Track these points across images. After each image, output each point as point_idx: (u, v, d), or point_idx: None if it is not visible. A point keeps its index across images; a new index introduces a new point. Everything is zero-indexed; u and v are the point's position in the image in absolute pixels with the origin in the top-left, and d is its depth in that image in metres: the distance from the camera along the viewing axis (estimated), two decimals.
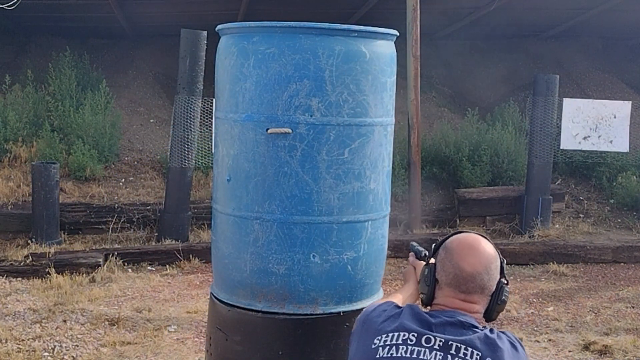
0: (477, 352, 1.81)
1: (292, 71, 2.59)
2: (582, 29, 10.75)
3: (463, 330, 1.86)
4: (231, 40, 2.75)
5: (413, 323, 1.87)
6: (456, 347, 1.81)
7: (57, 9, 8.99)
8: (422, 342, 1.82)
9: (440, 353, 1.80)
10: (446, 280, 1.95)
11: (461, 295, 1.93)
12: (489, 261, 1.99)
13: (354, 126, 2.68)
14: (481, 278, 1.95)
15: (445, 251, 1.98)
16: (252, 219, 2.67)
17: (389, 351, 1.82)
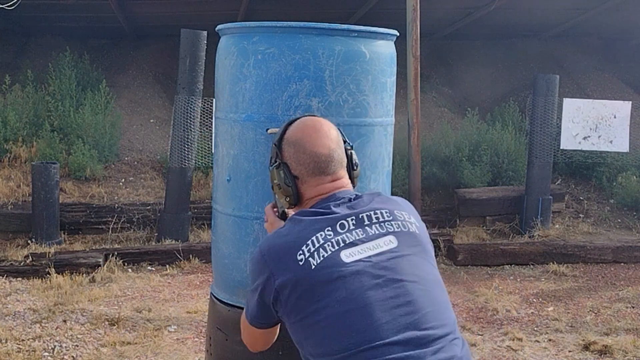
0: (385, 210, 1.86)
1: (292, 71, 2.59)
2: (582, 29, 10.75)
3: (355, 201, 1.88)
4: (231, 40, 2.75)
5: (318, 222, 1.82)
6: (367, 216, 1.84)
7: (57, 9, 8.99)
8: (339, 229, 1.80)
9: (359, 229, 1.81)
10: (307, 171, 1.92)
11: (328, 178, 1.92)
12: (335, 135, 1.98)
13: (354, 126, 2.68)
14: (337, 154, 1.94)
15: (294, 145, 1.94)
16: (252, 219, 2.67)
17: (319, 255, 1.76)
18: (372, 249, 1.79)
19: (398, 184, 7.60)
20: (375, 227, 1.82)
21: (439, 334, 1.72)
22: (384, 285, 1.74)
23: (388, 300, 1.73)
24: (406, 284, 1.75)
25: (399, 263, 1.78)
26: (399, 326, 1.70)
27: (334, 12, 9.43)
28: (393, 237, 1.82)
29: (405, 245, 1.81)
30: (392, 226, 1.83)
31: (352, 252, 1.77)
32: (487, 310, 5.15)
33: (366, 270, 1.75)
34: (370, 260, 1.77)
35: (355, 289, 1.72)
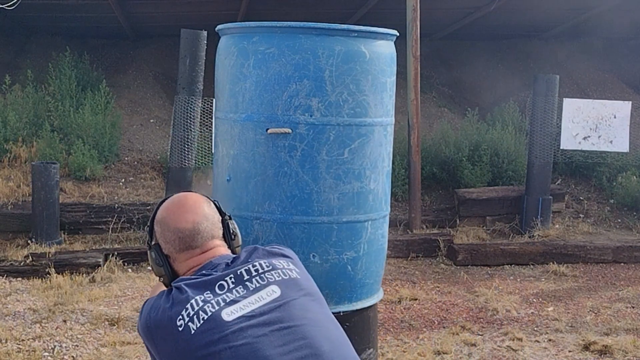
0: (263, 261, 1.82)
1: (292, 71, 2.60)
2: (582, 29, 10.75)
3: (232, 261, 1.84)
4: (231, 40, 2.75)
5: (194, 287, 1.77)
6: (245, 270, 1.80)
7: (57, 9, 8.99)
8: (217, 291, 1.76)
9: (239, 286, 1.76)
10: (174, 248, 1.89)
11: (197, 251, 1.89)
12: (202, 207, 1.94)
13: (354, 126, 2.68)
14: (204, 227, 1.90)
15: (160, 224, 1.92)
16: (252, 219, 2.68)
17: (199, 318, 1.70)
18: (254, 302, 1.73)
19: (398, 184, 7.60)
20: (255, 280, 1.78)
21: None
22: (272, 335, 1.69)
23: (280, 348, 1.67)
24: (297, 328, 1.71)
25: (285, 310, 1.74)
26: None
27: (334, 12, 9.43)
28: (275, 286, 1.77)
29: (289, 291, 1.78)
30: (272, 276, 1.79)
31: (233, 309, 1.71)
32: (487, 310, 5.14)
33: (250, 324, 1.69)
34: (254, 313, 1.71)
35: (240, 346, 1.66)
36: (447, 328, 4.76)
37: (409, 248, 6.57)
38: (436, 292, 5.58)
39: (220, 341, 1.66)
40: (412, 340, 4.55)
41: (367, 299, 2.86)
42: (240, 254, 1.88)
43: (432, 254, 6.55)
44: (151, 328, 1.76)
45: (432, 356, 4.25)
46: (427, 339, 4.56)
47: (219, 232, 1.94)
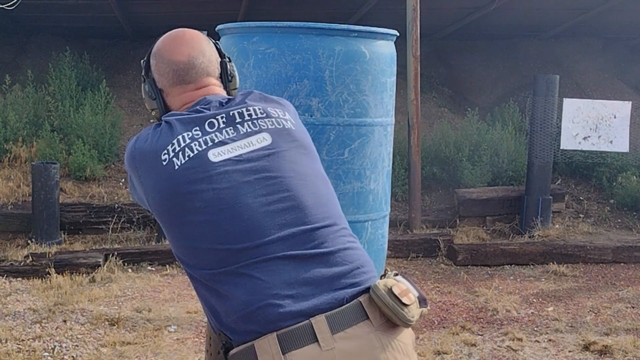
0: (258, 107, 1.75)
1: (292, 71, 2.60)
2: (582, 29, 10.74)
3: (226, 102, 1.78)
4: (231, 40, 2.75)
5: (184, 123, 1.71)
6: (238, 113, 1.73)
7: (57, 9, 8.99)
8: (207, 128, 1.69)
9: (229, 127, 1.70)
10: (168, 82, 1.83)
11: (191, 86, 1.82)
12: (200, 43, 1.86)
13: (354, 126, 2.68)
14: (199, 62, 1.83)
15: (155, 57, 1.86)
16: None
17: (184, 155, 1.64)
18: (243, 147, 1.67)
19: (398, 184, 7.60)
20: (247, 124, 1.71)
21: (322, 226, 1.64)
22: (257, 183, 1.63)
23: (263, 198, 1.61)
24: (282, 180, 1.64)
25: (273, 160, 1.67)
26: (279, 223, 1.59)
27: (334, 12, 9.43)
28: (267, 134, 1.70)
29: (281, 141, 1.70)
30: (265, 123, 1.72)
31: (221, 151, 1.65)
32: (487, 310, 5.14)
33: (236, 169, 1.63)
34: (241, 158, 1.65)
35: (223, 189, 1.60)
36: (447, 328, 4.76)
37: (409, 248, 6.57)
38: (436, 292, 5.58)
39: (204, 181, 1.61)
40: None
41: None
42: (236, 97, 1.81)
43: (432, 254, 6.55)
44: (136, 158, 1.71)
45: (432, 356, 4.25)
46: (427, 339, 4.55)
47: (216, 72, 1.86)
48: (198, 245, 1.59)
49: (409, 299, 1.55)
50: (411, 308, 1.55)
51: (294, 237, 1.59)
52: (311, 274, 1.56)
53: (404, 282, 1.59)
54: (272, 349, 1.46)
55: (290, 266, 1.55)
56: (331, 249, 1.62)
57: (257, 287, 1.52)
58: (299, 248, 1.58)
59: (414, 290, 1.61)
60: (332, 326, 1.50)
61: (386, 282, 1.57)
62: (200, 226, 1.59)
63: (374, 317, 1.54)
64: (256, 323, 1.50)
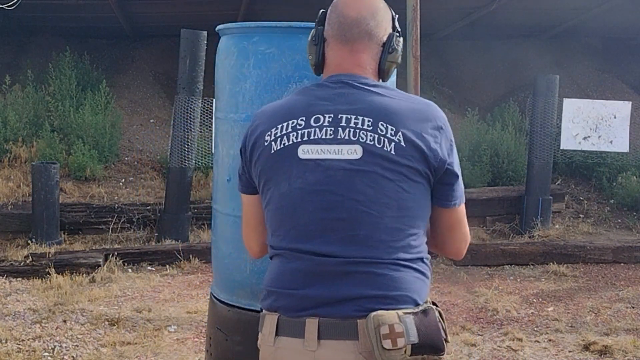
0: (368, 119, 1.71)
1: (292, 71, 2.59)
2: (582, 29, 10.74)
3: (354, 95, 1.76)
4: (231, 40, 2.75)
5: (302, 105, 1.77)
6: (346, 118, 1.72)
7: (57, 9, 8.98)
8: (312, 123, 1.73)
9: (331, 128, 1.71)
10: (332, 32, 1.81)
11: (347, 46, 1.79)
12: (376, 7, 1.84)
13: None
14: (366, 22, 1.80)
15: (332, 6, 1.85)
16: None
17: (281, 142, 1.73)
18: (331, 152, 1.70)
19: None
20: (348, 131, 1.70)
21: (362, 258, 1.66)
22: (323, 195, 1.68)
23: (320, 212, 1.68)
24: (346, 201, 1.67)
25: (350, 176, 1.68)
26: (321, 238, 1.68)
27: None
28: (360, 148, 1.68)
29: (369, 160, 1.68)
30: (365, 136, 1.69)
31: (310, 149, 1.71)
32: (487, 310, 5.15)
33: (313, 172, 1.69)
34: (324, 163, 1.69)
35: (295, 189, 1.70)
36: None
37: None
38: (436, 292, 5.58)
39: (285, 175, 1.73)
40: None
41: None
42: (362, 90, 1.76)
43: (432, 254, 6.54)
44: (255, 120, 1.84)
45: None
46: None
47: (380, 38, 1.81)
48: (270, 228, 1.80)
49: (394, 343, 1.58)
50: (391, 353, 1.58)
51: (331, 254, 1.68)
52: (331, 283, 1.66)
53: (403, 325, 1.60)
54: (271, 326, 1.71)
55: (314, 271, 1.68)
56: (360, 270, 1.67)
57: (285, 274, 1.72)
58: (332, 264, 1.67)
59: (412, 337, 1.61)
60: (322, 332, 1.63)
61: (384, 319, 1.60)
62: (271, 213, 1.77)
63: (363, 342, 1.61)
64: (272, 300, 1.74)
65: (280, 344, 1.69)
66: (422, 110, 1.75)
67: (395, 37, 1.85)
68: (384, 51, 1.82)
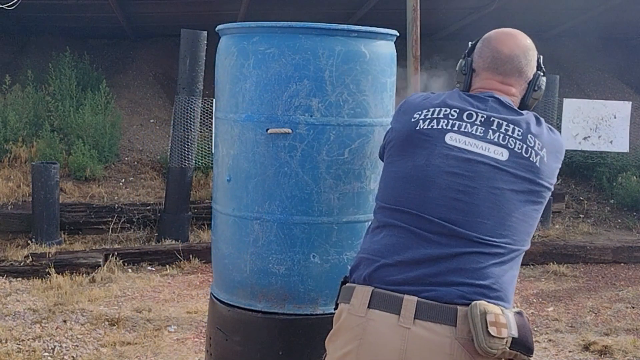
0: (518, 129, 1.82)
1: (292, 71, 2.59)
2: (582, 29, 10.75)
3: (504, 109, 1.87)
4: (231, 40, 2.75)
5: (455, 101, 1.88)
6: (498, 122, 1.83)
7: (57, 9, 8.99)
8: (464, 117, 1.83)
9: (482, 127, 1.81)
10: (483, 65, 1.96)
11: (499, 77, 1.94)
12: (527, 47, 1.99)
13: (354, 126, 2.68)
14: (519, 61, 1.96)
15: (483, 41, 2.00)
16: (252, 219, 2.67)
17: (429, 124, 1.83)
18: (478, 147, 1.79)
19: None
20: (498, 134, 1.81)
21: (482, 240, 1.72)
22: (459, 178, 1.76)
23: (453, 191, 1.75)
24: (479, 191, 1.74)
25: (490, 172, 1.76)
26: (446, 214, 1.72)
27: (334, 12, 9.43)
28: (507, 152, 1.78)
29: (513, 165, 1.78)
30: (514, 144, 1.80)
31: (459, 138, 1.80)
32: None
33: (456, 158, 1.77)
34: (467, 155, 1.78)
35: (433, 165, 1.77)
36: None
37: None
38: None
39: (425, 151, 1.80)
40: None
41: None
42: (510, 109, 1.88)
43: None
44: (402, 105, 1.97)
45: None
46: None
47: (527, 76, 1.96)
48: (387, 189, 1.86)
49: (498, 332, 1.62)
50: (495, 340, 1.61)
51: (446, 233, 1.72)
52: (439, 264, 1.69)
53: (506, 317, 1.64)
54: (363, 298, 1.70)
55: (425, 248, 1.71)
56: (455, 266, 1.70)
57: (389, 247, 1.74)
58: (447, 244, 1.71)
59: (513, 330, 1.64)
60: (419, 311, 1.65)
61: (489, 308, 1.64)
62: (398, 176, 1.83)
63: (461, 328, 1.64)
64: (372, 270, 1.73)
65: (373, 316, 1.68)
66: (559, 141, 1.90)
67: (539, 76, 1.99)
68: (529, 88, 1.96)
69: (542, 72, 2.01)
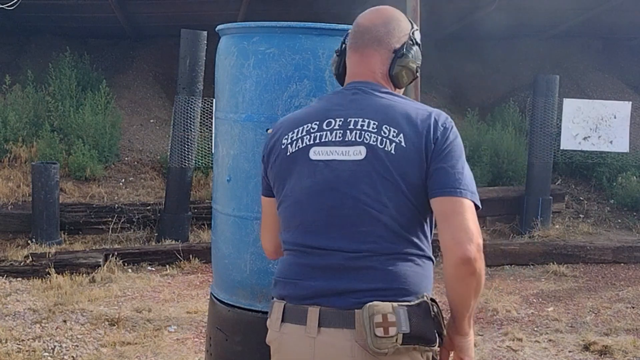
0: (374, 122, 1.80)
1: (292, 71, 2.59)
2: (582, 29, 10.74)
3: (364, 99, 1.85)
4: (231, 40, 2.75)
5: (318, 112, 1.88)
6: (354, 121, 1.82)
7: (57, 9, 8.99)
8: (324, 127, 1.84)
9: (340, 131, 1.81)
10: (349, 42, 1.93)
11: (358, 54, 1.90)
12: (390, 17, 1.92)
13: None
14: (377, 30, 1.89)
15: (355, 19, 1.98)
16: (252, 219, 2.67)
17: (295, 145, 1.85)
18: (339, 154, 1.80)
19: None
20: (355, 133, 1.80)
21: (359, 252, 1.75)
22: (330, 193, 1.79)
23: (326, 208, 1.79)
24: (349, 199, 1.77)
25: (353, 177, 1.77)
26: (327, 232, 1.78)
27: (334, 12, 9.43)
28: (364, 149, 1.78)
29: (372, 160, 1.77)
30: (369, 137, 1.78)
31: (321, 150, 1.82)
32: (487, 310, 5.14)
33: (321, 171, 1.81)
34: (332, 164, 1.80)
35: (305, 187, 1.82)
36: None
37: None
38: (436, 292, 5.55)
39: (297, 173, 1.84)
40: None
41: None
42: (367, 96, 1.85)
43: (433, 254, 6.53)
44: (276, 127, 1.96)
45: None
46: None
47: (388, 45, 1.88)
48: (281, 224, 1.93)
49: (385, 332, 1.66)
50: (382, 341, 1.66)
51: (338, 249, 1.77)
52: (333, 276, 1.76)
53: (396, 315, 1.68)
54: (278, 313, 1.80)
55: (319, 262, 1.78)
56: (361, 265, 1.75)
57: (292, 266, 1.83)
58: (337, 256, 1.77)
59: (404, 327, 1.68)
60: (322, 320, 1.73)
61: (378, 309, 1.68)
62: (282, 210, 1.90)
63: (359, 331, 1.69)
64: (280, 288, 1.84)
65: (285, 329, 1.78)
66: (425, 113, 1.81)
67: (408, 45, 1.91)
68: (395, 57, 1.88)
69: (413, 41, 1.92)
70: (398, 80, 1.91)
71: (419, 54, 1.93)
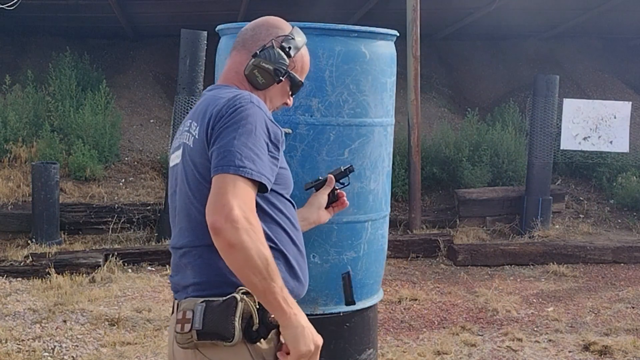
0: (194, 122, 1.88)
1: None
2: (582, 29, 10.75)
3: (212, 97, 1.90)
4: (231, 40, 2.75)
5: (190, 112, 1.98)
6: (190, 122, 1.90)
7: (57, 9, 8.99)
8: (182, 128, 1.95)
9: (186, 134, 1.91)
10: None
11: (229, 55, 2.02)
12: (260, 23, 2.03)
13: (354, 126, 2.68)
14: (245, 33, 2.02)
15: None
16: None
17: (171, 153, 2.01)
18: (177, 157, 1.94)
19: (398, 184, 7.60)
20: (186, 135, 1.90)
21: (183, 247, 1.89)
22: (173, 197, 1.95)
23: (173, 211, 1.96)
24: (179, 201, 1.90)
25: (180, 178, 1.90)
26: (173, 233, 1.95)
27: (334, 12, 9.43)
28: (181, 151, 1.91)
29: (184, 158, 1.89)
30: (187, 138, 1.89)
31: (173, 156, 1.98)
32: (487, 310, 5.15)
33: (172, 176, 1.97)
34: (174, 169, 1.95)
35: (169, 194, 2.01)
36: (447, 328, 4.76)
37: (409, 248, 6.57)
38: (436, 292, 5.58)
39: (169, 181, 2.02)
40: (412, 341, 4.55)
41: (367, 300, 2.86)
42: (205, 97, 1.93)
43: (432, 254, 6.55)
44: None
45: (432, 356, 4.25)
46: (427, 339, 4.56)
47: (250, 48, 1.97)
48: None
49: (182, 328, 1.77)
50: (181, 336, 1.77)
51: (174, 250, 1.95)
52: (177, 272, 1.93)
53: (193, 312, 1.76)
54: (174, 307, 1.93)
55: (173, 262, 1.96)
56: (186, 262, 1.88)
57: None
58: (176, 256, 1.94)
59: (197, 324, 1.74)
60: (174, 309, 1.89)
61: (183, 306, 1.81)
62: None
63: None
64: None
65: (171, 320, 1.93)
66: (223, 100, 1.83)
67: (268, 47, 1.95)
68: (257, 54, 1.94)
69: (276, 45, 1.95)
70: (251, 79, 1.95)
71: (279, 57, 1.94)
